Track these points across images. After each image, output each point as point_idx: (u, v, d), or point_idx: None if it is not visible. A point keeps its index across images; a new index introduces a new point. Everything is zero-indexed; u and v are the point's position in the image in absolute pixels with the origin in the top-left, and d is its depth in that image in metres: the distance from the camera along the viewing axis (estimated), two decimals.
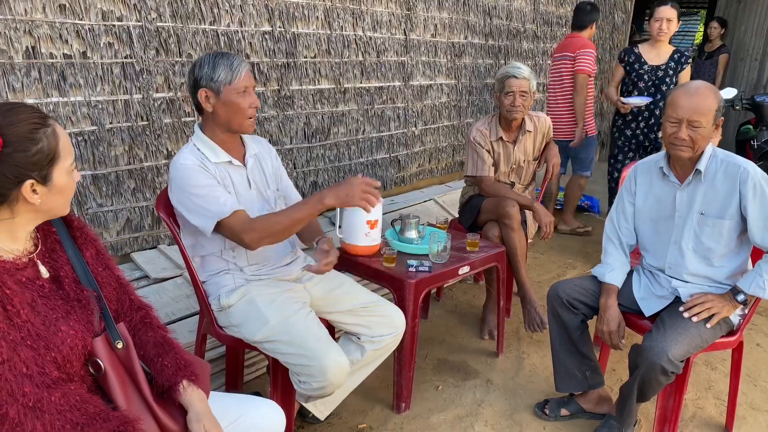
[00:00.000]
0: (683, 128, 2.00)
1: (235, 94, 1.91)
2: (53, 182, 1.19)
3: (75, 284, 1.29)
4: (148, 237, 2.91)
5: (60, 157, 1.19)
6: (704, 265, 2.15)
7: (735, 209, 2.05)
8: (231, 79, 1.89)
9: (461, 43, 4.62)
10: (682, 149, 2.04)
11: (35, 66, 2.39)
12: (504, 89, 2.93)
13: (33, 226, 1.26)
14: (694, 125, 1.99)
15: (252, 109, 1.95)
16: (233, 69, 1.89)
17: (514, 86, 2.90)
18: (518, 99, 2.91)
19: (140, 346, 1.42)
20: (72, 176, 1.24)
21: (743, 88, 7.10)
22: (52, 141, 1.17)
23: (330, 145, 3.74)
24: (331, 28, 3.54)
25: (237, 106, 1.92)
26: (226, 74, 1.89)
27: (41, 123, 1.16)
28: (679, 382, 2.10)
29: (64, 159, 1.20)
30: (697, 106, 1.98)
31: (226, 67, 1.89)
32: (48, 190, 1.19)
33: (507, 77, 2.92)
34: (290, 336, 1.87)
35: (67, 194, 1.24)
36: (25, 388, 1.10)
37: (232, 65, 1.90)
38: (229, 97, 1.91)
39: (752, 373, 2.83)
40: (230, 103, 1.92)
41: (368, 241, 2.46)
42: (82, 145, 2.58)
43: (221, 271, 2.02)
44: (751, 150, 4.94)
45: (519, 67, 2.92)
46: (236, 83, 1.90)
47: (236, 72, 1.89)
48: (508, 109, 2.95)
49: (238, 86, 1.90)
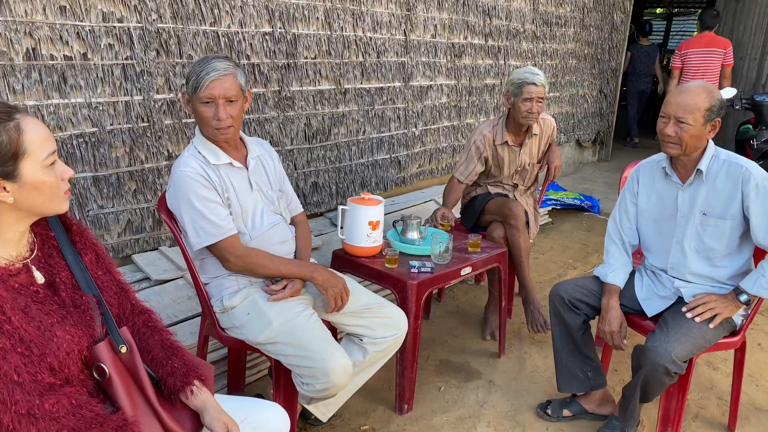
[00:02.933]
0: (670, 124, 2.01)
1: (198, 104, 1.87)
2: (23, 178, 1.15)
3: (73, 289, 1.28)
4: (149, 239, 2.90)
5: (27, 152, 1.15)
6: (707, 265, 2.15)
7: (737, 209, 2.04)
8: (196, 87, 1.85)
9: (461, 43, 4.61)
10: (669, 146, 2.05)
11: (35, 68, 2.38)
12: (522, 95, 2.89)
13: (21, 227, 1.23)
14: (681, 122, 1.99)
15: (216, 121, 1.87)
16: (200, 77, 1.84)
17: (534, 93, 2.87)
18: (535, 106, 2.90)
19: (147, 350, 1.41)
20: (52, 172, 1.20)
21: (742, 88, 7.10)
22: (14, 135, 1.13)
23: (330, 146, 3.73)
24: (332, 29, 3.54)
25: (200, 116, 1.89)
26: (194, 81, 1.85)
27: (3, 117, 1.13)
28: (681, 383, 2.10)
29: (36, 153, 1.16)
30: (684, 103, 1.97)
31: (197, 74, 1.85)
32: (19, 187, 1.16)
33: (526, 83, 2.87)
34: (293, 338, 1.87)
35: (46, 191, 1.19)
36: (16, 396, 1.09)
37: (200, 73, 1.84)
38: (195, 105, 1.89)
39: (754, 374, 2.83)
40: (195, 110, 1.90)
41: (370, 242, 2.46)
42: (83, 147, 2.57)
43: (223, 273, 2.02)
44: (750, 149, 4.93)
45: (537, 74, 2.88)
46: (200, 92, 1.85)
47: (201, 81, 1.83)
48: (524, 116, 2.92)
49: (201, 96, 1.85)
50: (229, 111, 1.88)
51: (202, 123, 1.92)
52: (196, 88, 1.85)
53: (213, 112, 1.87)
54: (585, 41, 6.34)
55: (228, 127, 1.91)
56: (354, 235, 2.46)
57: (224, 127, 1.89)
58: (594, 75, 6.72)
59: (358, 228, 2.44)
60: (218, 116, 1.86)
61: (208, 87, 1.83)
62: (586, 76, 6.57)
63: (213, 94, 1.84)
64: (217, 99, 1.85)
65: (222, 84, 1.85)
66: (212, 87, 1.83)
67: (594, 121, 7.02)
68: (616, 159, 7.65)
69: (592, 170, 7.11)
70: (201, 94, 1.84)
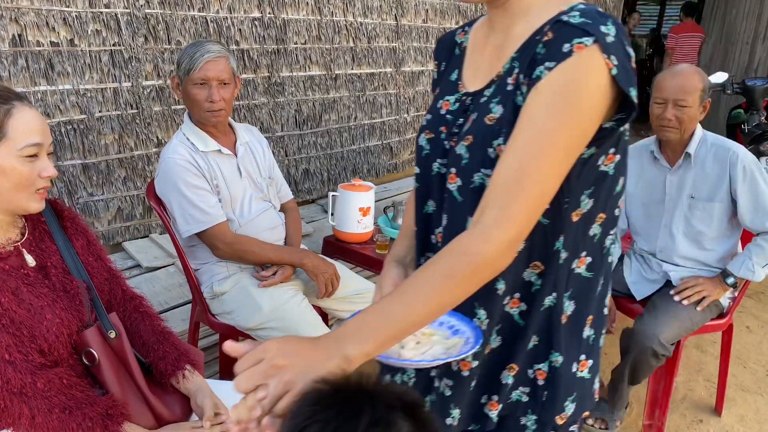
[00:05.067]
0: (669, 108, 2.01)
1: (191, 85, 1.87)
2: None
3: (63, 274, 1.28)
4: (140, 226, 2.89)
5: (8, 136, 1.13)
6: (695, 248, 2.17)
7: (725, 192, 2.06)
8: (189, 68, 1.85)
9: (453, 28, 4.60)
10: (669, 131, 2.05)
11: (22, 54, 2.36)
12: None
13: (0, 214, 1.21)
14: (681, 104, 1.99)
15: (209, 103, 1.87)
16: (193, 59, 1.84)
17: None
18: None
19: (138, 335, 1.42)
20: (29, 165, 1.17)
21: (734, 72, 7.10)
22: (1, 117, 1.12)
23: (321, 133, 3.72)
24: (321, 14, 3.51)
25: (192, 98, 1.88)
26: (187, 63, 1.85)
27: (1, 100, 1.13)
28: (669, 365, 2.12)
29: (14, 140, 1.14)
30: (682, 85, 1.99)
31: (190, 56, 1.84)
32: None
33: None
34: (283, 323, 1.88)
35: (14, 179, 1.16)
36: (8, 375, 1.10)
37: (194, 55, 1.84)
38: (187, 87, 1.88)
39: (742, 356, 2.86)
40: (187, 93, 1.89)
41: (360, 228, 2.46)
42: (72, 134, 2.56)
43: (213, 259, 2.02)
44: (741, 134, 4.93)
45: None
46: (193, 74, 1.84)
47: (195, 62, 1.83)
48: None
49: (194, 77, 1.85)
50: (222, 94, 1.88)
51: (193, 105, 1.91)
52: (189, 70, 1.84)
53: (206, 94, 1.87)
54: None
55: (219, 110, 1.90)
56: (345, 222, 2.46)
57: (216, 109, 1.89)
58: None
59: (349, 214, 2.44)
60: (212, 98, 1.86)
61: (203, 68, 1.84)
62: None
63: (207, 76, 1.84)
64: (210, 81, 1.85)
65: (216, 66, 1.85)
66: (207, 68, 1.84)
67: None
68: None
69: None
70: (195, 75, 1.84)
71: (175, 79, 1.92)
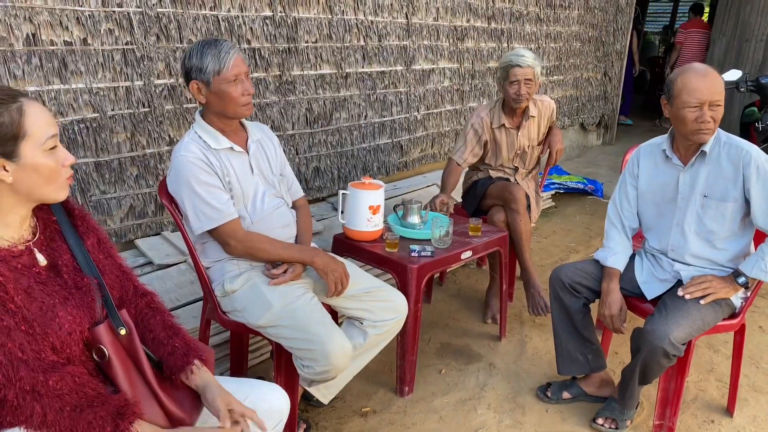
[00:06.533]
0: (706, 110, 1.97)
1: (225, 84, 1.88)
2: (23, 159, 1.18)
3: (75, 272, 1.30)
4: (152, 223, 2.92)
5: (28, 133, 1.17)
6: (707, 247, 2.15)
7: (739, 192, 2.04)
8: (219, 69, 1.86)
9: (464, 26, 4.58)
10: (706, 132, 2.01)
11: (36, 53, 2.38)
12: (508, 78, 2.88)
13: (22, 211, 1.25)
14: (716, 105, 1.97)
15: (245, 96, 1.92)
16: (221, 59, 1.86)
17: (519, 75, 2.85)
18: (523, 88, 2.87)
19: (149, 330, 1.44)
20: (53, 156, 1.22)
21: (748, 70, 7.03)
22: (16, 117, 1.16)
23: (332, 131, 3.73)
24: (333, 13, 3.52)
25: (228, 96, 1.90)
26: (214, 64, 1.86)
27: (6, 99, 1.16)
28: (680, 365, 2.11)
29: (35, 136, 1.18)
30: (714, 86, 1.96)
31: (214, 57, 1.86)
32: (19, 168, 1.18)
33: (511, 66, 2.86)
34: (293, 321, 1.89)
35: (45, 173, 1.21)
36: (21, 372, 1.11)
37: (219, 54, 1.86)
38: (219, 87, 1.89)
39: (754, 356, 2.84)
40: (221, 93, 1.90)
41: (370, 227, 2.47)
42: (84, 133, 2.58)
43: (224, 257, 2.03)
44: (755, 132, 4.89)
45: (523, 55, 2.86)
46: (225, 73, 1.87)
47: (224, 62, 1.86)
48: (513, 98, 2.91)
49: (228, 76, 1.87)
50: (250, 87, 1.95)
51: (229, 103, 1.92)
52: (219, 71, 1.87)
53: (242, 88, 1.91)
54: (589, 23, 6.28)
55: (251, 103, 1.97)
56: (354, 220, 2.47)
57: (250, 101, 1.95)
58: (598, 58, 6.66)
59: (359, 212, 2.45)
60: (248, 90, 1.93)
61: (234, 65, 1.88)
62: (591, 59, 6.52)
63: (239, 71, 1.89)
64: (241, 75, 1.90)
65: (241, 61, 1.91)
66: (236, 64, 1.88)
67: (598, 105, 6.98)
68: (620, 142, 7.61)
69: (596, 154, 7.08)
70: (228, 74, 1.87)
71: (195, 85, 1.91)
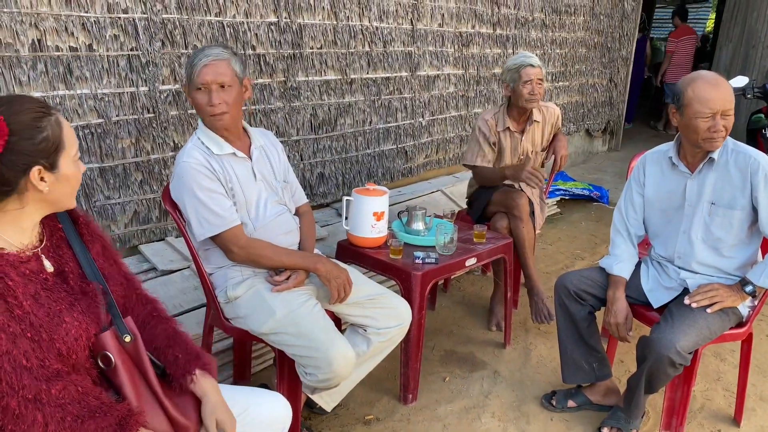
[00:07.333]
0: (719, 119, 1.96)
1: (193, 91, 1.89)
2: (60, 170, 1.22)
3: (81, 279, 1.30)
4: (156, 229, 2.91)
5: (65, 145, 1.22)
6: (714, 255, 2.13)
7: (747, 200, 2.02)
8: (190, 75, 1.88)
9: (469, 32, 4.58)
10: (718, 141, 2.00)
11: (41, 59, 2.39)
12: (522, 78, 2.88)
13: (40, 217, 1.27)
14: (727, 114, 1.96)
15: (210, 107, 1.88)
16: (193, 65, 1.86)
17: (532, 74, 2.87)
18: (536, 87, 2.89)
19: (151, 338, 1.43)
20: (77, 166, 1.27)
21: (755, 76, 7.00)
22: (57, 129, 1.20)
23: (337, 137, 3.73)
24: (338, 19, 3.52)
25: (195, 104, 1.92)
26: (188, 70, 1.88)
27: (45, 112, 1.19)
28: (687, 374, 2.08)
29: (69, 148, 1.23)
30: (727, 95, 1.95)
31: (190, 63, 1.88)
32: (56, 179, 1.21)
33: (523, 66, 2.87)
34: (297, 328, 1.88)
35: (73, 183, 1.27)
36: (24, 381, 1.10)
37: (194, 61, 1.86)
38: (189, 93, 1.91)
39: (762, 365, 2.81)
40: (192, 99, 1.92)
41: (374, 233, 2.46)
42: (89, 138, 2.58)
43: (227, 264, 2.03)
44: (762, 139, 4.86)
45: (531, 56, 2.90)
46: (194, 80, 1.87)
47: (195, 68, 1.86)
48: (527, 98, 2.91)
49: (195, 83, 1.87)
50: (223, 97, 1.88)
51: (198, 111, 1.94)
52: (190, 77, 1.88)
53: (207, 99, 1.88)
54: (595, 30, 6.28)
55: (222, 114, 1.90)
56: (358, 226, 2.46)
57: (218, 113, 1.89)
58: (604, 64, 6.65)
59: (363, 219, 2.44)
60: (211, 102, 1.88)
61: (201, 73, 1.85)
62: (596, 65, 6.51)
63: (206, 80, 1.85)
64: (209, 85, 1.86)
65: (215, 69, 1.86)
66: (204, 73, 1.85)
67: (604, 111, 6.96)
68: (626, 149, 7.59)
69: (601, 160, 7.06)
70: (195, 81, 1.87)
71: (185, 87, 1.95)
